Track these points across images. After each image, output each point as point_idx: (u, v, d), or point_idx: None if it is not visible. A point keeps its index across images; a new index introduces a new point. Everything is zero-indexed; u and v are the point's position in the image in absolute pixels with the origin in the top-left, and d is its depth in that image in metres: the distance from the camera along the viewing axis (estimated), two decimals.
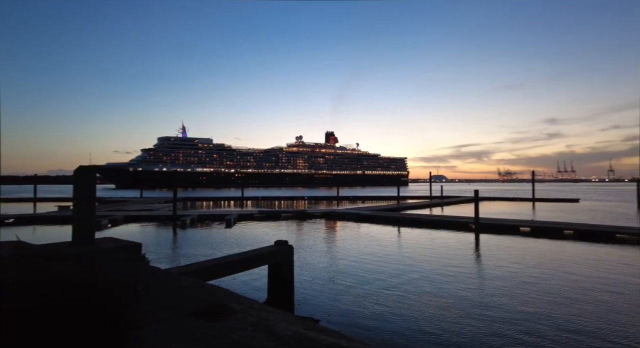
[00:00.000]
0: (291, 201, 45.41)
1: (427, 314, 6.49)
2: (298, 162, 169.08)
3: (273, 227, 19.57)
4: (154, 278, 3.86)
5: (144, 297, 3.03)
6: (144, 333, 2.27)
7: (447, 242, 14.45)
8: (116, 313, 2.08)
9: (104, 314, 2.02)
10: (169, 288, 3.59)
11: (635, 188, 37.39)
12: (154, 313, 2.72)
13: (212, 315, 2.85)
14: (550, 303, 7.09)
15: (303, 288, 8.05)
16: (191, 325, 2.59)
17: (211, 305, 3.06)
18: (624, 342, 5.36)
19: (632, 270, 9.80)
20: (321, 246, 13.69)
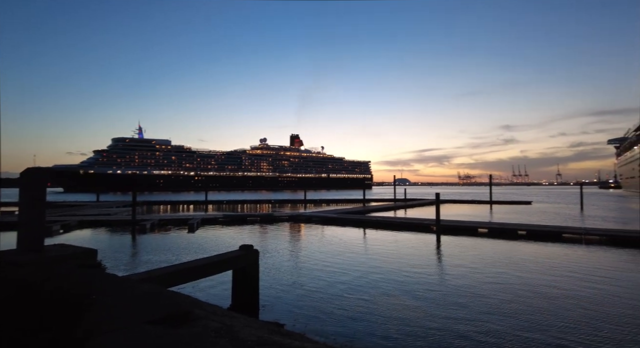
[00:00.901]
0: (257, 204, 44.85)
1: (391, 316, 6.69)
2: (262, 165, 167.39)
3: (238, 231, 19.28)
4: (111, 285, 3.71)
5: (100, 305, 2.92)
6: (99, 342, 2.21)
7: (410, 244, 14.98)
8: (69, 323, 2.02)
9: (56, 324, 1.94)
10: (127, 295, 3.47)
11: (579, 191, 40.90)
12: (110, 322, 2.63)
13: (173, 322, 2.80)
14: (506, 301, 7.58)
15: (269, 293, 8.04)
16: (150, 333, 2.54)
17: (172, 312, 3.01)
18: (569, 337, 5.88)
19: (576, 266, 10.72)
20: (287, 250, 13.70)
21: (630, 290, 8.30)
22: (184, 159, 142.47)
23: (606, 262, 11.40)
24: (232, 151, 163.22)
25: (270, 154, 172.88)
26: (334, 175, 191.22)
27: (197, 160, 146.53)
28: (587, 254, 12.54)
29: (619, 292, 8.11)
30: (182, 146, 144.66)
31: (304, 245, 14.72)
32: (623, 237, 14.56)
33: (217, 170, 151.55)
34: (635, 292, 8.22)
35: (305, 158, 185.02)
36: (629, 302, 7.42)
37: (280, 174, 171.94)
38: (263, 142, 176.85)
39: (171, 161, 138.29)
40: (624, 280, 9.23)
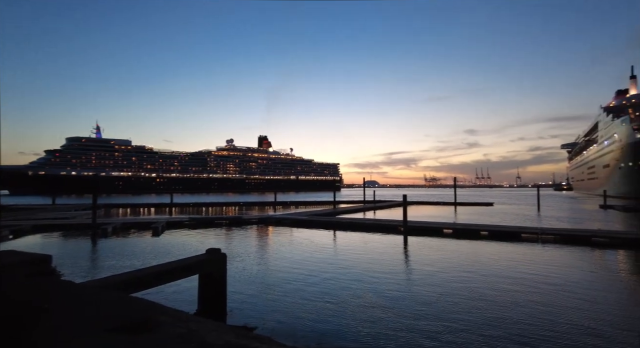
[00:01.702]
0: (225, 207, 43.98)
1: (360, 317, 6.80)
2: (228, 166, 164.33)
3: (205, 234, 18.87)
4: (66, 293, 3.52)
5: (53, 315, 2.78)
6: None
7: (379, 245, 15.30)
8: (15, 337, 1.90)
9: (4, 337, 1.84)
10: (85, 303, 3.32)
11: (536, 193, 43.57)
12: (65, 333, 2.52)
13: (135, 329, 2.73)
14: (471, 299, 7.95)
15: (237, 297, 7.95)
16: (109, 342, 2.46)
17: (134, 319, 2.94)
18: (528, 332, 6.27)
19: (533, 265, 11.44)
20: (256, 253, 13.56)
21: (579, 286, 8.96)
22: (145, 160, 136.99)
23: (559, 259, 12.24)
24: (197, 152, 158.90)
25: (237, 155, 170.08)
26: (303, 177, 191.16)
27: (159, 161, 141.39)
28: (542, 253, 13.38)
29: (570, 288, 8.74)
30: (143, 146, 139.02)
31: (274, 248, 14.63)
32: (574, 236, 15.67)
33: (180, 172, 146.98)
34: (584, 287, 8.89)
35: (274, 160, 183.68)
36: (579, 297, 8.02)
37: (248, 175, 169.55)
38: (230, 143, 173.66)
39: (131, 162, 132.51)
40: (574, 276, 9.96)
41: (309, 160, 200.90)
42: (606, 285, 9.04)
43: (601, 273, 10.32)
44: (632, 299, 8.12)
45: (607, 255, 13.02)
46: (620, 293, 8.50)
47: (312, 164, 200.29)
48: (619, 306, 7.47)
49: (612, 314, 6.89)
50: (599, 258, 12.49)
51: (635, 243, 14.43)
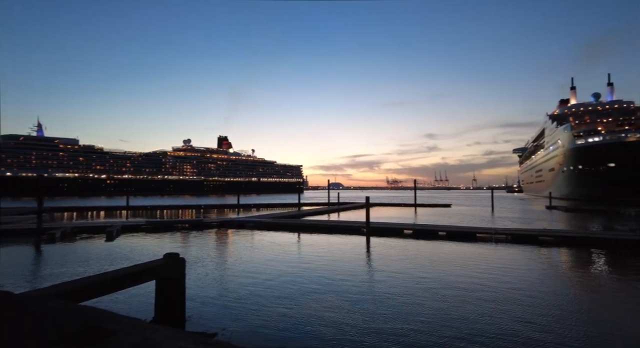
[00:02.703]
0: (185, 210, 42.49)
1: (323, 320, 6.85)
2: (185, 167, 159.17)
3: (164, 238, 18.18)
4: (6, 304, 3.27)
5: None
6: None
7: (342, 246, 15.53)
8: None
9: None
10: (27, 314, 3.10)
11: (490, 195, 46.31)
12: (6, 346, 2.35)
13: (84, 340, 2.60)
14: (430, 299, 8.31)
15: (196, 303, 7.76)
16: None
17: (83, 329, 2.80)
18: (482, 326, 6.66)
19: (486, 263, 12.17)
20: (217, 257, 13.27)
21: (529, 282, 9.68)
22: (95, 161, 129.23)
23: (511, 258, 13.12)
24: (151, 152, 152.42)
25: (195, 156, 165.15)
26: (265, 179, 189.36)
27: (110, 161, 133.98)
28: (496, 252, 14.25)
29: (521, 285, 9.41)
30: (92, 146, 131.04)
31: (236, 252, 14.38)
32: (523, 236, 16.83)
33: (133, 173, 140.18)
34: (533, 284, 9.61)
35: (234, 161, 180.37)
36: (528, 294, 8.66)
37: (206, 177, 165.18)
38: (187, 144, 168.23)
39: (78, 162, 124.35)
40: (524, 273, 10.73)
41: (272, 161, 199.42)
42: (552, 281, 9.82)
43: (548, 270, 11.19)
44: (573, 293, 8.87)
45: (552, 252, 14.11)
46: (565, 288, 9.27)
47: (274, 166, 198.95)
48: (564, 300, 8.14)
49: (559, 309, 7.50)
50: (545, 255, 13.50)
51: (576, 241, 15.80)
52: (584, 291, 8.95)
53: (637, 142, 56.01)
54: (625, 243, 14.90)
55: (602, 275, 10.54)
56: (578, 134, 64.90)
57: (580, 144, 63.98)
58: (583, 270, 11.25)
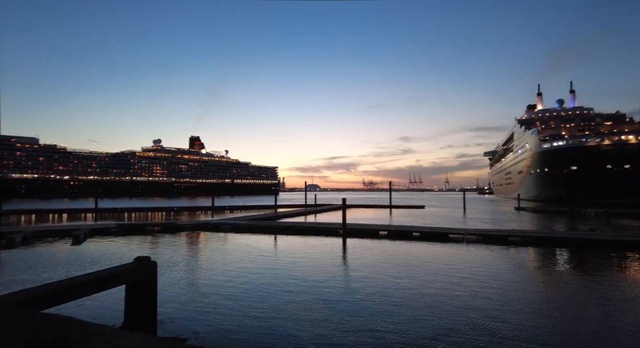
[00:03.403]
0: (157, 212, 41.48)
1: (299, 323, 6.89)
2: (155, 168, 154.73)
3: (135, 242, 17.80)
4: None
5: None
6: None
7: (318, 248, 15.74)
8: None
9: None
10: None
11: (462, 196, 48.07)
12: None
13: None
14: (405, 299, 8.68)
15: (169, 308, 7.70)
16: None
17: (48, 338, 2.73)
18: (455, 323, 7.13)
19: (458, 262, 12.80)
20: (191, 260, 13.17)
21: (499, 281, 10.30)
22: (57, 161, 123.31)
23: (481, 257, 13.83)
24: (119, 153, 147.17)
25: (166, 156, 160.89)
26: (239, 181, 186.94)
27: (74, 162, 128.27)
28: (467, 252, 14.95)
29: (491, 284, 10.01)
30: (53, 145, 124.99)
31: (211, 255, 14.29)
32: (493, 236, 17.72)
33: (99, 174, 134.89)
34: (502, 282, 10.23)
35: (207, 162, 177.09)
36: (499, 291, 9.25)
37: (177, 178, 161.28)
38: (157, 144, 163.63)
39: (38, 163, 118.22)
40: (494, 272, 11.40)
41: (246, 163, 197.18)
42: (521, 280, 10.51)
43: (517, 269, 11.93)
44: (541, 290, 9.56)
45: (520, 252, 14.98)
46: (533, 286, 9.96)
47: (249, 167, 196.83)
48: (533, 298, 8.77)
49: (528, 306, 8.08)
50: (513, 255, 14.33)
51: (542, 241, 16.84)
52: (550, 288, 9.59)
53: (595, 146, 59.78)
54: (585, 242, 16.04)
55: (565, 273, 11.34)
56: (544, 138, 68.38)
57: (546, 147, 67.45)
58: (549, 269, 12.04)
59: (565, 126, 70.24)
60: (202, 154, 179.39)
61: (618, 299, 8.35)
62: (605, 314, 7.32)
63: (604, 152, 59.07)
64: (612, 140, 59.26)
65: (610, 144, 59.14)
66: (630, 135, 58.66)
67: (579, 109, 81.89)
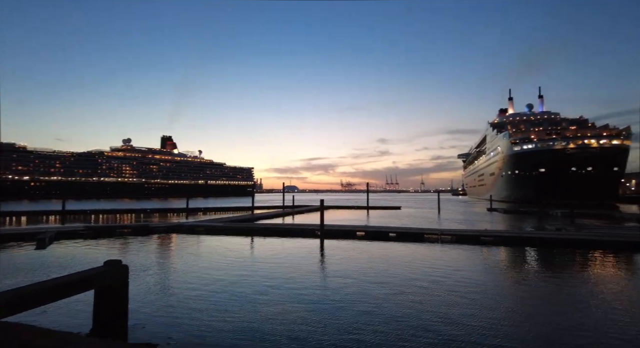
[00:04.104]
0: (128, 214, 40.29)
1: (277, 328, 6.78)
2: (124, 169, 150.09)
3: (106, 245, 17.28)
4: None
5: None
6: None
7: (296, 250, 15.84)
8: None
9: None
10: None
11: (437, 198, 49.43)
12: None
13: None
14: (384, 300, 8.94)
15: (141, 313, 7.53)
16: None
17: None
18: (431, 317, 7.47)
19: (433, 262, 13.28)
20: (164, 264, 12.95)
21: (471, 279, 10.78)
22: (15, 161, 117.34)
23: (455, 257, 14.37)
24: (86, 152, 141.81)
25: (136, 156, 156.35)
26: (213, 182, 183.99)
27: (35, 162, 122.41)
28: (442, 252, 15.45)
29: (466, 282, 10.46)
30: (12, 144, 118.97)
31: (185, 258, 14.06)
32: (467, 236, 18.42)
33: (63, 175, 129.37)
34: (475, 280, 10.71)
35: (179, 162, 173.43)
36: (472, 289, 9.69)
37: (148, 179, 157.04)
38: (127, 144, 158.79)
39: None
40: (468, 271, 11.91)
41: (220, 163, 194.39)
42: (493, 278, 11.06)
43: (489, 268, 12.52)
44: (513, 288, 10.09)
45: (492, 251, 15.63)
46: (505, 284, 10.50)
47: (223, 168, 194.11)
48: (506, 296, 9.27)
49: (501, 303, 8.54)
50: (486, 254, 14.96)
51: (512, 240, 17.64)
52: (521, 286, 10.08)
53: (562, 149, 62.99)
54: (552, 241, 16.95)
55: (535, 271, 11.98)
56: (515, 141, 71.33)
57: (516, 150, 70.37)
58: (520, 267, 12.63)
59: (534, 130, 73.55)
60: (175, 154, 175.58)
61: (585, 295, 8.89)
62: (576, 310, 7.74)
63: (569, 155, 62.34)
64: (576, 144, 62.63)
65: (574, 147, 62.48)
66: (592, 140, 62.22)
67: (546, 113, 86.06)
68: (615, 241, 16.16)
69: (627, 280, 10.55)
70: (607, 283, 10.00)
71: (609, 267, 12.38)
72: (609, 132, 63.74)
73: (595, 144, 61.25)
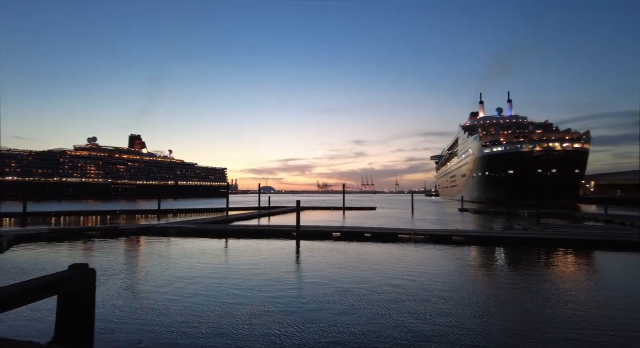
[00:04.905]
0: (96, 216, 38.79)
1: (251, 332, 6.66)
2: (89, 169, 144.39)
3: (72, 248, 16.63)
4: None
5: None
6: None
7: (272, 252, 15.83)
8: None
9: None
10: None
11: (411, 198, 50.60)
12: None
13: None
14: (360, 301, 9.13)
15: (109, 319, 7.31)
16: None
17: None
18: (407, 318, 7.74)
19: (406, 261, 13.68)
20: (135, 268, 12.63)
21: (444, 277, 11.22)
22: None
23: (428, 256, 14.85)
24: (46, 151, 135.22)
25: (102, 156, 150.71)
26: (184, 183, 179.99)
27: None
28: (416, 251, 15.90)
29: (439, 281, 10.89)
30: None
31: (156, 261, 13.74)
32: (440, 236, 19.04)
33: (20, 175, 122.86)
34: (447, 278, 11.16)
35: (148, 162, 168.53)
36: (445, 286, 10.11)
37: (114, 180, 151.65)
38: (92, 142, 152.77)
39: None
40: (440, 270, 12.37)
41: (192, 164, 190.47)
42: (465, 277, 11.51)
43: (461, 267, 13.00)
44: (483, 287, 10.54)
45: (464, 251, 16.24)
46: (476, 282, 10.95)
47: (195, 168, 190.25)
48: (476, 293, 9.68)
49: (472, 300, 8.93)
50: (458, 254, 15.51)
51: (482, 240, 18.42)
52: (492, 284, 10.57)
53: (529, 152, 66.05)
54: (520, 240, 17.81)
55: (505, 270, 12.55)
56: (485, 144, 74.11)
57: (487, 152, 73.11)
58: (490, 266, 13.20)
59: (504, 133, 76.68)
60: (144, 154, 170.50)
61: (554, 292, 9.36)
62: (544, 307, 8.15)
63: (535, 157, 65.46)
64: (542, 147, 65.90)
65: (540, 150, 65.70)
66: (557, 143, 65.69)
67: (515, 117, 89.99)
68: (577, 240, 17.21)
69: (590, 277, 11.29)
70: (573, 281, 10.59)
71: (573, 264, 13.20)
72: (571, 136, 67.53)
73: (559, 147, 64.66)
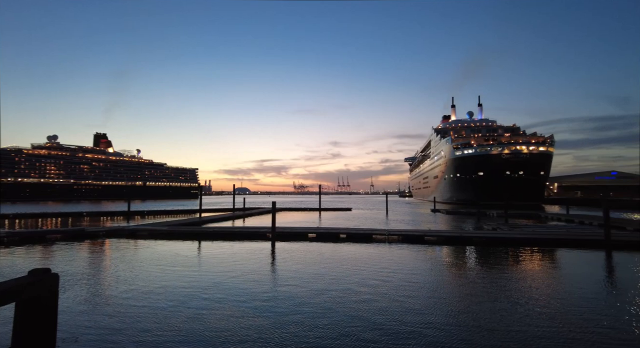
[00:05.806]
0: (61, 218, 37.21)
1: (224, 340, 6.42)
2: (49, 169, 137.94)
3: (33, 253, 16.00)
4: None
5: None
6: None
7: (246, 254, 15.81)
8: None
9: None
10: None
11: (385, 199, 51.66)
12: None
13: None
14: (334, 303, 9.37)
15: (73, 326, 7.12)
16: None
17: None
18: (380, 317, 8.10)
19: (381, 261, 14.09)
20: (102, 272, 12.29)
21: (418, 276, 11.69)
22: None
23: (402, 256, 15.34)
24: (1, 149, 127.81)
25: (63, 155, 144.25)
26: (152, 183, 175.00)
27: None
28: (390, 251, 16.35)
29: (413, 281, 11.34)
30: None
31: (125, 265, 13.44)
32: (412, 236, 19.65)
33: None
34: (421, 277, 11.63)
35: (115, 162, 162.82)
36: (418, 285, 10.55)
37: (77, 180, 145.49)
38: (53, 141, 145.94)
39: None
40: (414, 269, 12.84)
41: (161, 163, 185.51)
42: (437, 275, 12.03)
43: (433, 266, 13.54)
44: (455, 285, 11.06)
45: (436, 250, 16.84)
46: (448, 281, 11.46)
47: (164, 168, 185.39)
48: (449, 292, 10.17)
49: (446, 301, 9.38)
50: (430, 253, 16.08)
51: (453, 239, 19.19)
52: (463, 282, 11.06)
53: (497, 154, 68.93)
54: (489, 240, 18.69)
55: (476, 269, 13.14)
56: (457, 146, 76.59)
57: (458, 155, 75.60)
58: (461, 265, 13.76)
59: (474, 136, 79.57)
60: (109, 153, 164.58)
61: (522, 290, 9.89)
62: (515, 304, 8.55)
63: (504, 160, 68.42)
64: (510, 149, 68.98)
65: (508, 153, 68.75)
66: (523, 146, 68.95)
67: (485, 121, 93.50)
68: (542, 238, 18.26)
69: (555, 273, 12.04)
70: (540, 278, 11.23)
71: (539, 262, 14.02)
72: (537, 140, 71.07)
73: (525, 150, 67.83)
